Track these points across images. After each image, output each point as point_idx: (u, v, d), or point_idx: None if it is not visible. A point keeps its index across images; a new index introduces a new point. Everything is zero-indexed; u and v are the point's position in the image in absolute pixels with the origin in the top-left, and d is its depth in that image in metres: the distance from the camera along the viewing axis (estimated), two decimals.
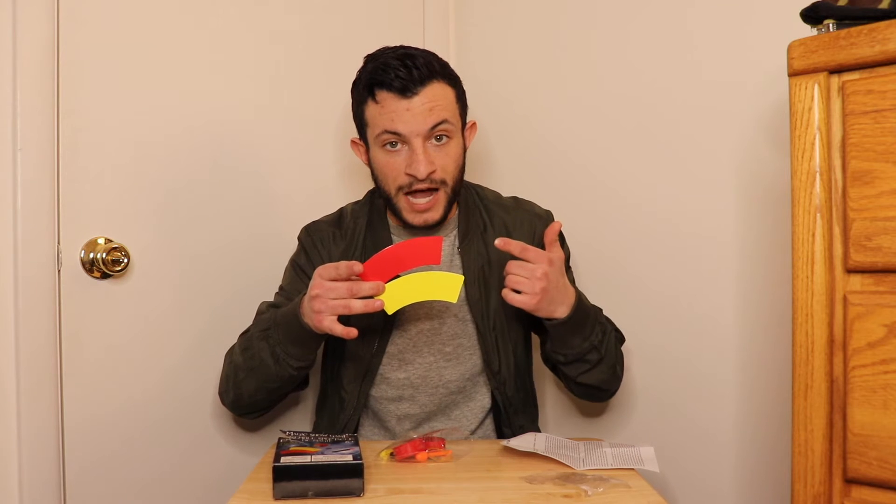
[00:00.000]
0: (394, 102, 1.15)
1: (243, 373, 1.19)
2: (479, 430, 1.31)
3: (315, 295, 1.06)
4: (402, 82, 1.14)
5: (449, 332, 1.27)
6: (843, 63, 0.80)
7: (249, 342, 1.19)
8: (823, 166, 0.82)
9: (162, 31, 1.32)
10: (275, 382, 1.19)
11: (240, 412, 1.29)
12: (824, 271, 0.82)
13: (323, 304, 1.05)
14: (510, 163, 1.63)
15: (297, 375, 1.18)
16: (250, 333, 1.21)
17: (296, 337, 1.12)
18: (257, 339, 1.17)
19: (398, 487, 1.00)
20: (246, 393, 1.21)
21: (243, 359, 1.19)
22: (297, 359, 1.15)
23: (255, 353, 1.16)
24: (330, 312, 1.05)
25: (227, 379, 1.24)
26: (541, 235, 1.29)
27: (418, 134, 1.16)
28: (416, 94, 1.15)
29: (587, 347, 1.18)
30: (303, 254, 1.31)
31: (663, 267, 1.41)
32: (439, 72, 1.18)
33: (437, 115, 1.16)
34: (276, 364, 1.15)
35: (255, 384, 1.19)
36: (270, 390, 1.21)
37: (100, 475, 1.25)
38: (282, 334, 1.13)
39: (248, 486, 1.02)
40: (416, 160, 1.16)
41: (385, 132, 1.17)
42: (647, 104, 1.42)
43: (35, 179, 1.17)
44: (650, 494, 0.97)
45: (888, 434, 0.77)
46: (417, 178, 1.16)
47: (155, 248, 1.31)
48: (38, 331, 1.18)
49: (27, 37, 1.15)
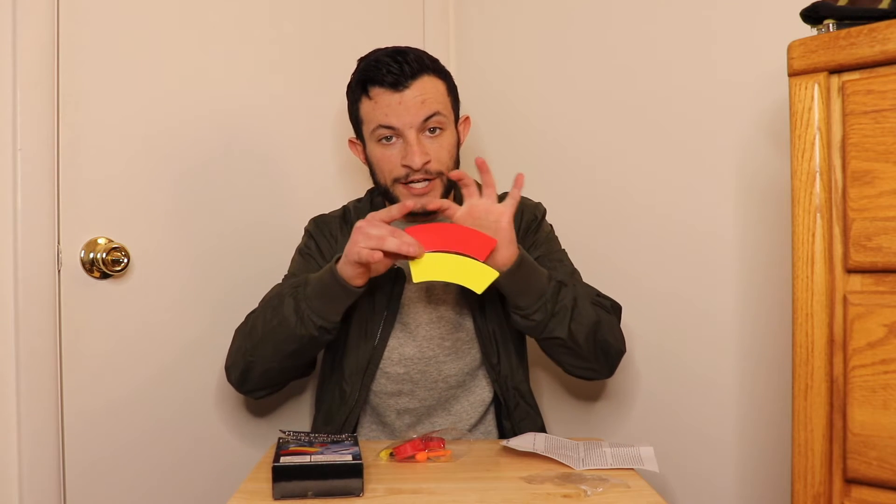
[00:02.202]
0: (386, 97, 1.18)
1: (259, 334, 1.16)
2: (481, 425, 1.31)
3: (358, 227, 1.07)
4: (393, 77, 1.17)
5: (448, 325, 1.27)
6: (843, 63, 0.80)
7: (274, 299, 1.17)
8: (823, 166, 0.82)
9: (161, 31, 1.32)
10: (292, 344, 1.15)
11: (247, 387, 1.24)
12: (824, 271, 0.82)
13: (362, 234, 1.06)
14: (510, 160, 1.63)
15: (317, 340, 1.15)
16: (275, 292, 1.19)
17: (326, 290, 1.11)
18: (286, 294, 1.14)
19: (398, 487, 1.00)
20: (259, 360, 1.18)
21: (264, 317, 1.16)
22: (322, 316, 1.12)
23: (277, 308, 1.14)
24: (365, 244, 1.05)
25: (238, 350, 1.21)
26: (528, 223, 1.31)
27: (412, 126, 1.18)
28: (407, 88, 1.17)
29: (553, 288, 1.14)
30: (311, 241, 1.31)
31: (662, 266, 1.41)
32: (430, 66, 1.21)
33: (429, 107, 1.19)
34: (300, 321, 1.12)
35: (271, 348, 1.16)
36: (284, 356, 1.18)
37: (100, 474, 1.25)
38: (311, 289, 1.12)
39: (247, 486, 1.02)
40: (410, 151, 1.18)
41: (379, 126, 1.19)
42: (647, 104, 1.42)
43: (35, 179, 1.17)
44: (650, 494, 0.97)
45: (888, 434, 0.77)
46: (413, 168, 1.19)
47: (155, 248, 1.32)
48: (38, 331, 1.17)
49: (27, 37, 1.15)
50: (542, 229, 1.32)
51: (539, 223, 1.33)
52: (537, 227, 1.32)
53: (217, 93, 1.39)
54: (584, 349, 1.17)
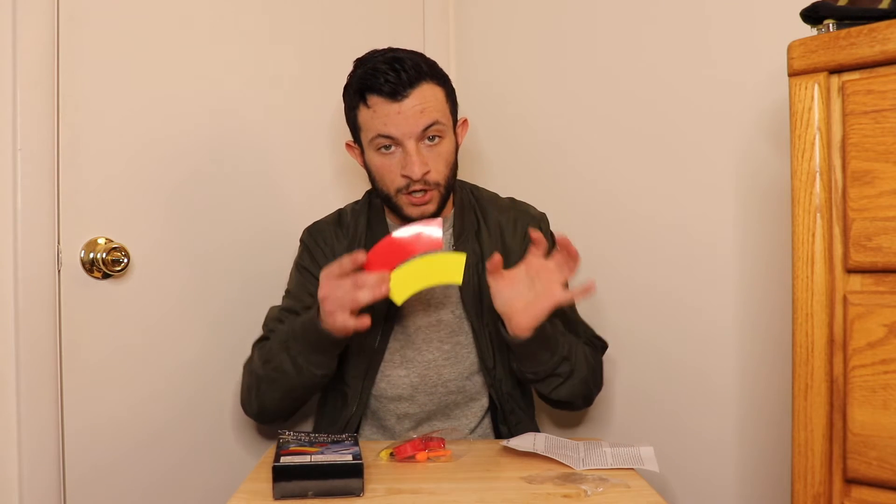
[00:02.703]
0: (385, 106, 1.17)
1: (266, 384, 1.21)
2: (478, 429, 1.31)
3: (324, 297, 1.08)
4: (391, 86, 1.16)
5: (446, 330, 1.27)
6: (843, 63, 0.80)
7: (270, 354, 1.20)
8: (823, 166, 0.82)
9: (161, 32, 1.32)
10: (299, 391, 1.22)
11: (265, 420, 1.32)
12: (824, 271, 0.82)
13: (332, 303, 1.07)
14: (509, 163, 1.63)
15: (322, 381, 1.20)
16: (269, 346, 1.22)
17: (315, 344, 1.14)
18: (278, 351, 1.18)
19: (398, 487, 1.00)
20: (270, 403, 1.24)
21: (265, 371, 1.21)
22: (319, 366, 1.17)
23: (276, 365, 1.18)
24: (340, 310, 1.07)
25: (249, 390, 1.25)
26: None
27: (411, 136, 1.17)
28: (406, 97, 1.16)
29: (556, 361, 1.19)
30: (306, 254, 1.31)
31: (662, 266, 1.41)
32: (428, 73, 1.19)
33: (428, 117, 1.18)
34: (299, 374, 1.17)
35: (279, 394, 1.22)
36: (295, 398, 1.24)
37: (100, 474, 1.25)
38: (301, 344, 1.15)
39: (247, 486, 1.02)
40: (410, 162, 1.18)
41: (378, 136, 1.19)
42: (647, 104, 1.42)
43: (35, 179, 1.17)
44: (650, 494, 0.97)
45: (888, 434, 0.77)
46: (413, 178, 1.18)
47: (155, 248, 1.31)
48: (38, 331, 1.17)
49: (27, 37, 1.15)
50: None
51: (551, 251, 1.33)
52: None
53: (217, 93, 1.39)
54: (564, 402, 1.27)
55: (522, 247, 1.30)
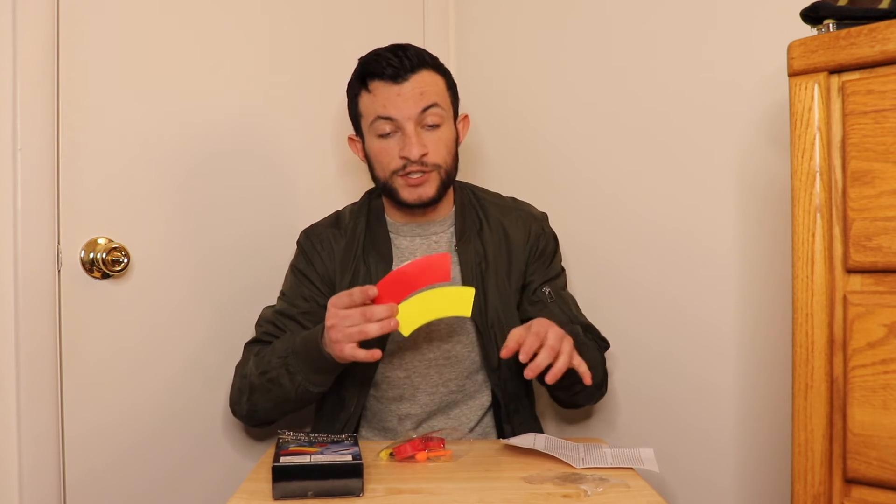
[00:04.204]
0: (385, 89, 1.19)
1: (260, 393, 1.22)
2: (478, 428, 1.31)
3: (331, 325, 1.08)
4: (393, 69, 1.18)
5: (447, 330, 1.27)
6: (843, 63, 0.80)
7: (268, 365, 1.20)
8: (823, 166, 0.82)
9: (161, 31, 1.32)
10: (293, 403, 1.23)
11: (252, 424, 1.32)
12: (824, 271, 0.82)
13: (340, 333, 1.07)
14: (510, 162, 1.63)
15: (318, 396, 1.22)
16: (267, 357, 1.21)
17: (316, 365, 1.15)
18: (276, 365, 1.18)
19: (397, 487, 1.00)
20: (262, 410, 1.24)
21: (260, 381, 1.20)
22: (318, 385, 1.18)
23: (273, 377, 1.18)
24: (348, 340, 1.07)
25: (240, 393, 1.25)
26: (536, 235, 1.31)
27: (410, 118, 1.19)
28: (406, 80, 1.19)
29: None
30: (302, 258, 1.31)
31: (662, 267, 1.41)
32: (429, 62, 1.22)
33: (427, 99, 1.19)
34: (296, 389, 1.18)
35: (272, 404, 1.23)
36: (288, 409, 1.25)
37: (100, 474, 1.25)
38: (302, 362, 1.15)
39: (247, 486, 1.02)
40: (408, 143, 1.19)
41: (378, 118, 1.20)
42: (647, 104, 1.42)
43: (35, 179, 1.17)
44: (650, 494, 0.97)
45: (888, 434, 0.77)
46: (410, 159, 1.19)
47: (155, 248, 1.31)
48: (38, 331, 1.17)
49: (27, 37, 1.15)
50: (555, 259, 1.34)
51: (554, 252, 1.34)
52: (551, 257, 1.33)
53: (217, 93, 1.39)
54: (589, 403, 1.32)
55: (525, 246, 1.30)
